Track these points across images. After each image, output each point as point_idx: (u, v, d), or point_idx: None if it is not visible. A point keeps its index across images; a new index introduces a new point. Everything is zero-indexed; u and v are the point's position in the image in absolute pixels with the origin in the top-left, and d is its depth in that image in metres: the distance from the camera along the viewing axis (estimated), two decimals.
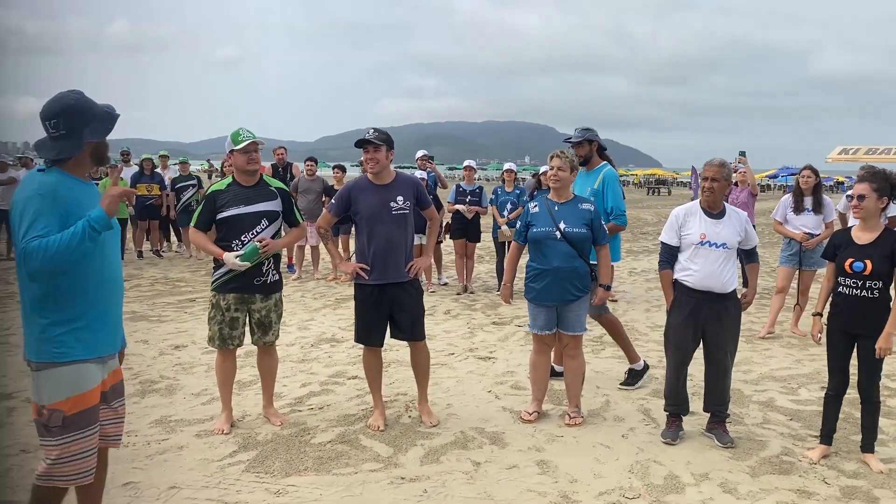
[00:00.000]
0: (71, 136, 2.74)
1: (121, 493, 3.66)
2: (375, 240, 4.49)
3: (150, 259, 12.54)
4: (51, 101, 2.76)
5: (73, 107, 2.74)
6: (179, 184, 12.38)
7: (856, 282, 4.06)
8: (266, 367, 4.76)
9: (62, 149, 2.74)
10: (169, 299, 9.03)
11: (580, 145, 5.64)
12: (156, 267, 11.73)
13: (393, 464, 4.08)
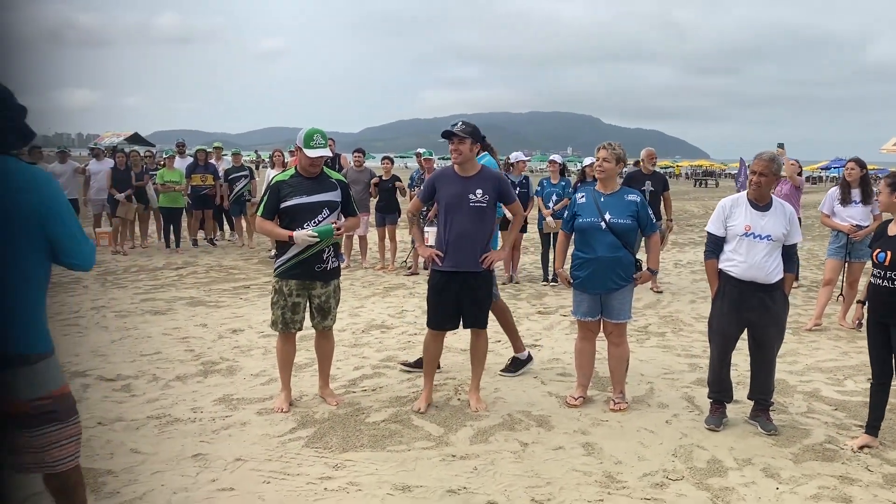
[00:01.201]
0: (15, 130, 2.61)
1: (191, 463, 3.92)
2: (452, 229, 4.68)
3: (205, 247, 12.98)
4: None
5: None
6: (232, 174, 12.76)
7: (880, 272, 4.17)
8: (323, 350, 4.99)
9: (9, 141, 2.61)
10: (224, 286, 9.37)
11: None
12: (210, 255, 12.14)
13: (444, 442, 4.27)
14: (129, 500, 3.48)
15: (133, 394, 5.05)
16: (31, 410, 2.68)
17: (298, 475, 3.78)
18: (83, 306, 7.89)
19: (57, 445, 2.77)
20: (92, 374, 5.47)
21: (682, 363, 6.07)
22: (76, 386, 5.16)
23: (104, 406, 4.79)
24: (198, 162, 12.79)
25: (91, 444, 4.14)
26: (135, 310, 7.78)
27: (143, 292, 8.79)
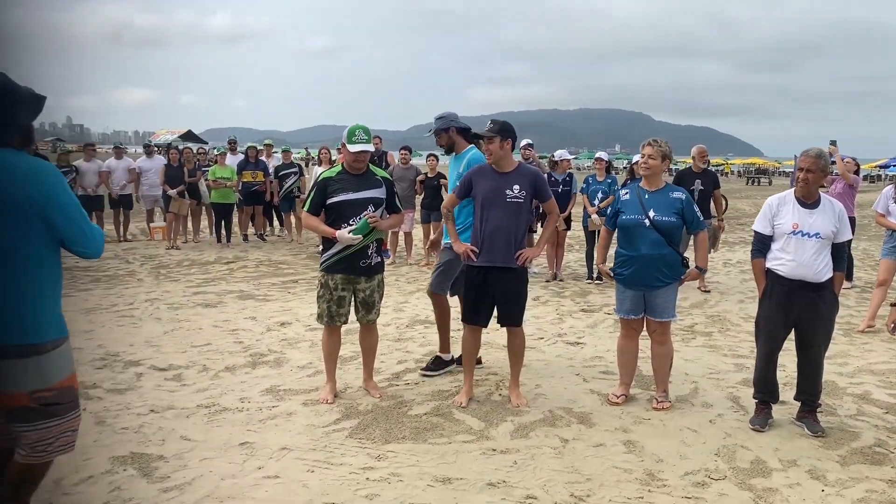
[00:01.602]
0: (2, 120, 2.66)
1: (238, 451, 4.04)
2: (487, 224, 4.72)
3: (255, 242, 13.25)
4: None
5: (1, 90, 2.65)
6: (282, 171, 13.00)
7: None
8: (367, 344, 5.08)
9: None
10: (273, 280, 9.57)
11: (438, 136, 5.56)
12: (260, 250, 12.39)
13: (484, 436, 4.31)
14: (178, 484, 3.60)
15: (184, 383, 5.22)
16: (30, 402, 2.70)
17: (342, 465, 3.87)
18: (137, 298, 8.15)
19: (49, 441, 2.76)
20: (145, 363, 5.67)
21: (728, 363, 5.99)
22: (130, 374, 5.36)
23: (156, 394, 4.96)
24: (248, 159, 13.06)
25: (143, 430, 4.30)
26: (187, 302, 8.01)
27: (194, 286, 9.04)
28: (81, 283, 9.04)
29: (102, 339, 6.36)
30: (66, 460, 3.82)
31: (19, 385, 2.68)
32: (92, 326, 6.78)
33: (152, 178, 12.71)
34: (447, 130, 5.43)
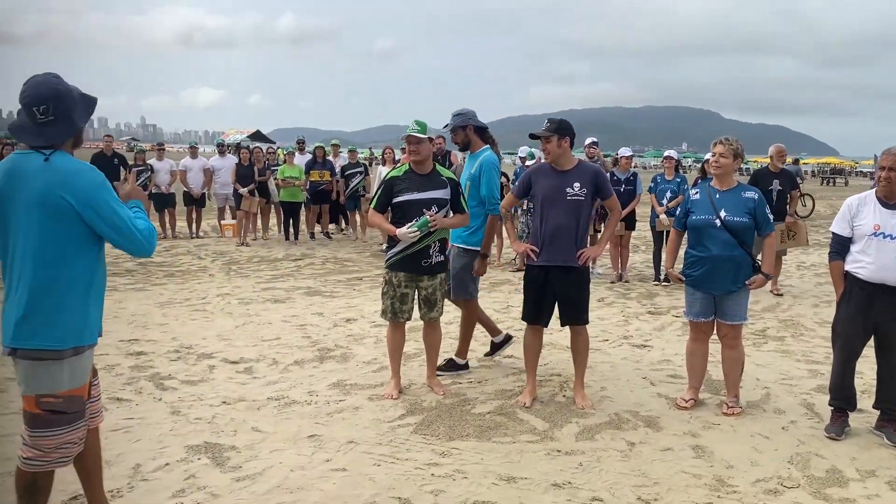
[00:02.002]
0: (60, 122, 2.67)
1: (306, 443, 4.13)
2: (547, 223, 4.70)
3: (321, 240, 13.50)
4: (30, 86, 2.66)
5: (62, 91, 2.67)
6: (348, 171, 13.20)
7: None
8: (431, 341, 5.13)
9: (52, 134, 2.67)
10: (339, 277, 9.73)
11: (454, 133, 5.49)
12: (326, 247, 12.61)
13: (549, 437, 4.29)
14: (250, 474, 3.71)
15: (255, 376, 5.36)
16: (36, 407, 2.67)
17: (407, 460, 3.92)
18: (210, 293, 8.41)
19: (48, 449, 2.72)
20: (218, 356, 5.84)
21: (802, 369, 5.80)
22: (203, 367, 5.54)
23: (228, 386, 5.12)
24: (316, 159, 13.31)
25: (216, 421, 4.44)
26: (256, 298, 8.22)
27: (264, 281, 9.27)
28: (156, 277, 9.37)
29: (176, 332, 6.59)
30: (143, 447, 4.00)
31: (30, 388, 2.66)
32: (166, 320, 7.03)
33: (224, 177, 13.09)
34: (464, 128, 5.42)
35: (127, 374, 5.29)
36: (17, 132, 2.71)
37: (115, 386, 5.01)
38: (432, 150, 4.95)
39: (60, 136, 2.69)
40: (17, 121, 2.72)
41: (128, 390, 4.94)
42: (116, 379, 5.17)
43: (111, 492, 3.47)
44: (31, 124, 2.66)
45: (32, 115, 2.64)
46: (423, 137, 4.80)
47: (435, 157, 5.14)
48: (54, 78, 2.70)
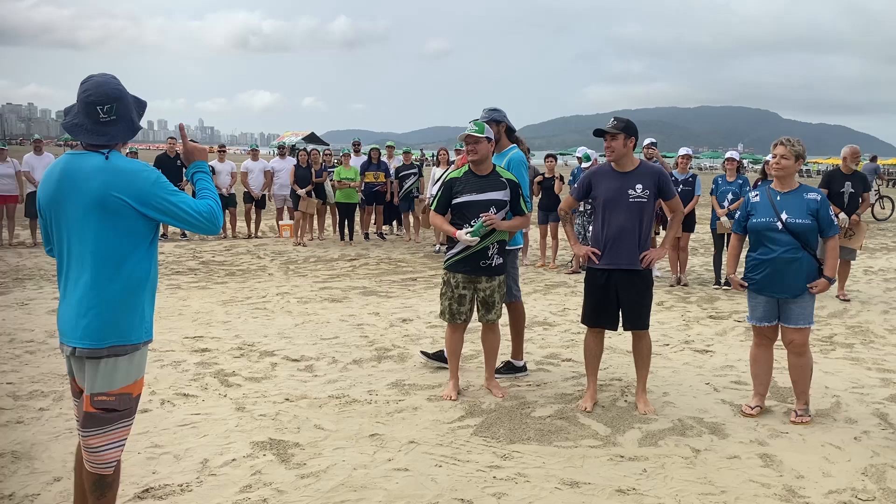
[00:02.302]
0: (121, 122, 2.69)
1: (368, 442, 4.16)
2: (609, 225, 4.64)
3: (375, 241, 13.62)
4: (94, 85, 2.65)
5: (123, 92, 2.69)
6: (402, 172, 13.29)
7: None
8: (489, 343, 5.11)
9: (114, 134, 2.68)
10: (393, 277, 9.80)
11: (488, 125, 5.28)
12: (380, 248, 12.71)
13: (611, 442, 4.23)
14: (315, 472, 3.76)
15: (315, 374, 5.44)
16: (90, 406, 2.67)
17: (468, 462, 3.91)
18: (269, 292, 8.56)
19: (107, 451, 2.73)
20: (279, 353, 5.94)
21: (874, 377, 5.60)
22: (265, 364, 5.64)
23: (290, 384, 5.20)
24: (371, 160, 13.44)
25: (280, 418, 4.51)
26: (314, 297, 8.33)
27: (321, 281, 9.39)
28: (218, 276, 9.58)
29: (239, 329, 6.72)
30: (210, 442, 4.09)
31: (88, 386, 2.68)
32: (229, 317, 7.18)
33: (283, 178, 13.32)
34: (499, 123, 5.38)
35: (193, 370, 5.42)
36: (74, 130, 2.67)
37: (181, 382, 5.13)
38: (491, 150, 4.93)
39: (121, 136, 2.70)
40: (73, 119, 2.68)
41: (194, 386, 5.06)
42: (183, 375, 5.30)
43: (181, 486, 3.56)
44: (92, 123, 2.65)
45: (95, 114, 2.63)
46: (480, 137, 4.79)
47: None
48: (113, 79, 2.71)
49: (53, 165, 2.74)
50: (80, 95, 2.66)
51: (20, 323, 6.74)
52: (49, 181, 2.71)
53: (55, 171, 2.70)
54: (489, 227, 4.70)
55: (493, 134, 4.93)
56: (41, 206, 2.76)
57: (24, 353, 5.78)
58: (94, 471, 2.75)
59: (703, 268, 10.94)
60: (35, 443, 4.02)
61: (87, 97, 2.62)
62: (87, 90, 2.63)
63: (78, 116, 2.66)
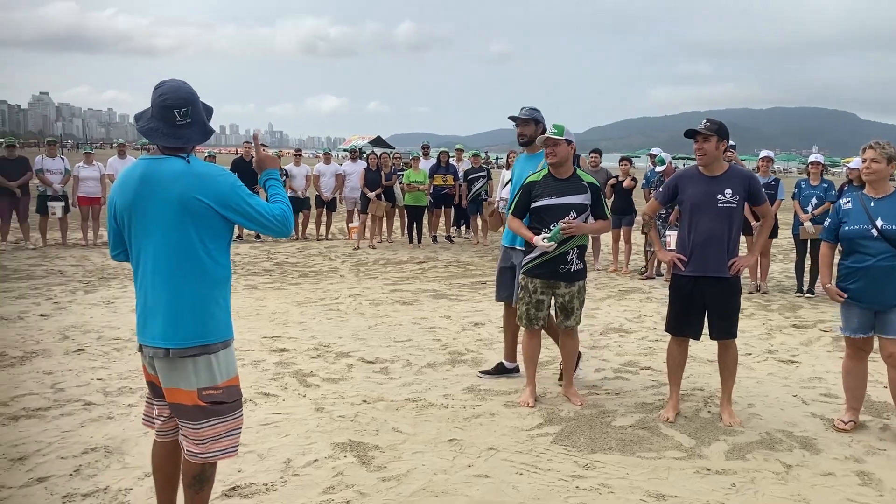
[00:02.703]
0: (195, 125, 2.75)
1: (447, 447, 4.14)
2: (696, 231, 4.51)
3: (443, 244, 13.65)
4: (170, 90, 2.71)
5: (196, 97, 2.75)
6: (471, 175, 13.28)
7: None
8: (567, 350, 5.03)
9: (190, 136, 2.74)
10: (463, 280, 9.79)
11: (526, 124, 5.20)
12: (448, 251, 12.73)
13: (696, 454, 4.11)
14: (395, 475, 3.76)
15: (391, 376, 5.46)
16: (199, 400, 2.74)
17: (549, 470, 3.85)
18: (342, 293, 8.66)
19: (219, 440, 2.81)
20: (354, 355, 6.00)
21: None
22: (342, 365, 5.70)
23: (367, 385, 5.23)
24: (440, 163, 13.48)
25: (358, 419, 4.54)
26: (385, 299, 8.39)
27: (391, 283, 9.45)
28: (292, 277, 9.76)
29: (314, 330, 6.82)
30: (291, 442, 4.14)
31: (190, 383, 2.75)
32: (304, 318, 7.29)
33: (354, 181, 13.49)
34: (538, 122, 5.27)
35: (272, 370, 5.52)
36: (151, 134, 2.73)
37: (262, 381, 5.23)
38: (571, 152, 4.85)
39: (195, 139, 2.76)
40: (148, 123, 2.74)
41: (274, 386, 5.14)
42: (263, 374, 5.40)
43: (266, 485, 3.61)
44: (168, 127, 2.70)
45: (171, 118, 2.69)
46: (560, 139, 4.72)
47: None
48: (186, 83, 2.76)
49: (130, 171, 2.79)
50: (155, 100, 2.72)
51: (107, 321, 7.00)
52: (127, 186, 2.75)
53: (133, 176, 2.75)
54: (567, 233, 4.63)
55: (573, 136, 4.85)
56: (117, 210, 2.80)
57: (111, 350, 5.99)
58: (199, 461, 2.83)
59: (782, 274, 10.56)
60: (125, 438, 4.15)
61: (164, 101, 2.68)
62: (162, 94, 2.70)
63: (153, 121, 2.73)
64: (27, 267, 10.03)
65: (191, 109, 2.71)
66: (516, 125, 5.27)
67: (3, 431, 4.23)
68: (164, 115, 2.69)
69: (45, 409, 4.60)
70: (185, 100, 2.70)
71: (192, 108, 2.72)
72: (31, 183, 12.08)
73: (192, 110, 2.72)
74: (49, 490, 3.52)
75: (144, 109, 2.82)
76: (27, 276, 9.36)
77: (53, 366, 5.50)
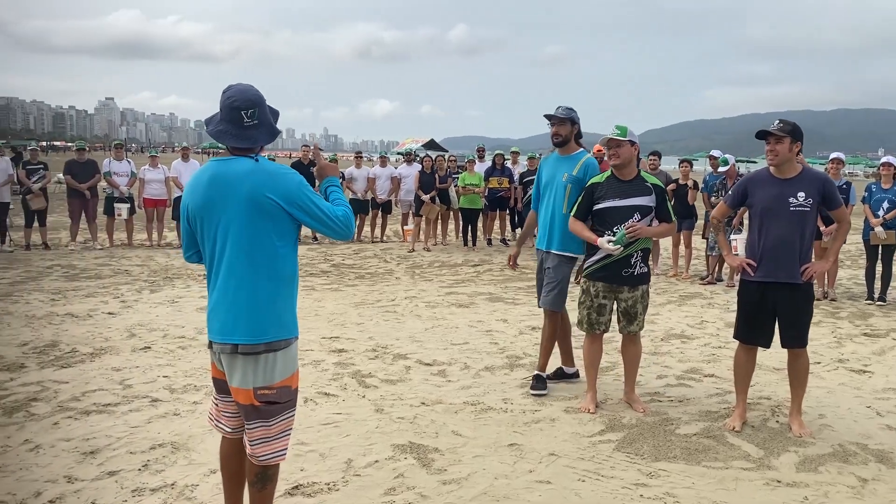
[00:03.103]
0: (262, 126, 2.80)
1: (507, 452, 4.11)
2: (767, 235, 4.38)
3: (498, 247, 13.60)
4: (238, 92, 2.76)
5: (263, 99, 2.80)
6: (527, 178, 13.18)
7: None
8: (629, 355, 4.94)
9: (257, 137, 2.79)
10: (518, 284, 9.72)
11: (562, 123, 5.05)
12: (502, 254, 12.66)
13: (765, 466, 3.98)
14: (456, 478, 3.74)
15: (448, 379, 5.45)
16: (254, 400, 2.77)
17: (612, 478, 3.78)
18: (398, 296, 8.70)
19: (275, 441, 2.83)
20: (412, 357, 6.01)
21: None
22: (399, 367, 5.71)
23: (425, 388, 5.23)
24: (495, 166, 13.44)
25: (417, 421, 4.54)
26: (441, 301, 8.39)
27: (446, 286, 9.46)
28: (348, 279, 9.85)
29: (372, 331, 6.86)
30: (352, 442, 4.17)
31: (248, 381, 2.77)
32: (362, 320, 7.35)
33: (409, 184, 13.56)
34: (574, 122, 5.16)
35: (332, 370, 5.57)
36: (220, 136, 2.78)
37: (321, 381, 5.28)
38: (634, 153, 4.78)
39: (263, 139, 2.82)
40: (218, 126, 2.80)
41: (334, 386, 5.19)
42: (322, 374, 5.45)
43: (328, 484, 3.63)
44: (236, 128, 2.76)
45: (239, 119, 2.75)
46: (623, 140, 4.65)
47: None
48: (252, 86, 2.82)
49: (200, 172, 2.85)
50: (224, 102, 2.77)
51: (172, 319, 7.17)
52: (198, 187, 2.80)
53: (204, 178, 2.80)
54: (632, 235, 4.55)
55: (636, 137, 4.77)
56: (189, 212, 2.85)
57: (176, 348, 6.14)
58: (259, 463, 2.85)
59: (850, 281, 10.19)
60: (191, 435, 4.24)
61: (232, 103, 2.74)
62: (231, 96, 2.75)
63: (222, 123, 2.78)
64: (95, 266, 10.37)
65: (257, 111, 2.76)
66: (551, 124, 5.16)
67: (76, 425, 4.37)
68: (232, 117, 2.75)
69: (114, 404, 4.74)
70: (251, 101, 2.75)
71: (259, 110, 2.77)
72: (99, 185, 12.50)
73: (259, 112, 2.77)
74: (119, 484, 3.61)
75: (214, 114, 2.87)
76: (95, 275, 9.68)
77: (121, 363, 5.66)
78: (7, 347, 6.02)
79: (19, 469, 3.75)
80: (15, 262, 10.62)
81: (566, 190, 5.04)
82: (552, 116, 5.13)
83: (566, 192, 5.04)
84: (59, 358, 5.75)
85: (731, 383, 4.87)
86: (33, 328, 6.70)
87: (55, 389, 5.00)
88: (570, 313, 5.40)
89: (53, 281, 9.15)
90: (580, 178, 5.01)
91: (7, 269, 10.01)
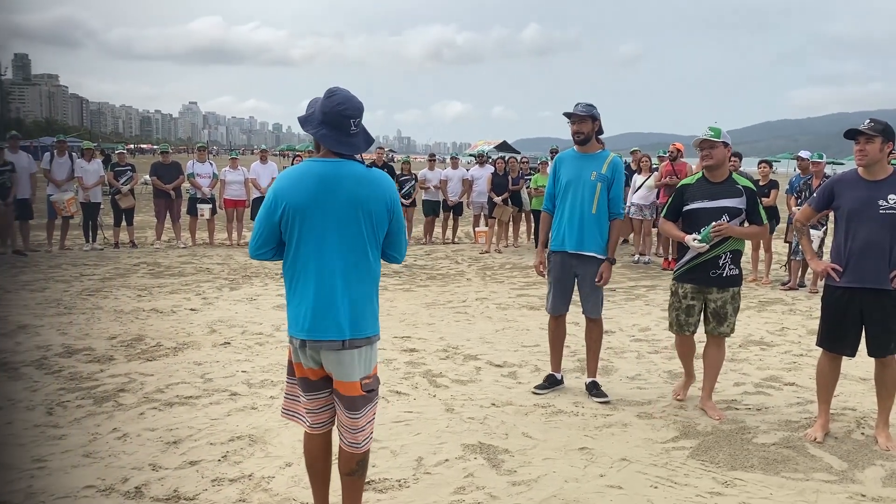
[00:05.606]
0: (361, 134, 2.90)
1: (578, 455, 4.08)
2: (854, 239, 4.21)
3: None
4: (346, 100, 2.84)
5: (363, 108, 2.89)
6: None
7: None
8: (712, 359, 4.84)
9: (359, 144, 2.90)
10: None
11: (583, 121, 4.86)
12: None
13: (849, 479, 3.82)
14: (525, 480, 3.74)
15: (519, 381, 5.44)
16: (361, 390, 2.91)
17: (686, 485, 3.70)
18: (469, 297, 8.73)
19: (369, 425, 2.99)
20: (482, 358, 6.03)
21: None
22: (470, 367, 5.74)
23: (495, 389, 5.24)
24: None
25: (487, 422, 4.56)
26: (512, 303, 8.38)
27: (517, 288, 9.43)
28: (420, 280, 9.95)
29: (443, 332, 6.91)
30: (423, 441, 4.21)
31: (355, 373, 2.90)
32: (432, 320, 7.41)
33: (481, 186, 13.58)
34: (595, 119, 5.01)
35: (403, 369, 5.64)
36: (326, 140, 2.83)
37: (393, 379, 5.36)
38: (727, 155, 4.69)
39: (362, 147, 2.90)
40: (321, 129, 2.84)
41: (405, 384, 5.26)
42: (394, 373, 5.53)
43: (399, 481, 3.69)
44: (341, 134, 2.83)
45: (346, 126, 2.83)
46: (716, 142, 4.59)
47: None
48: (354, 95, 2.89)
49: (303, 172, 2.88)
50: (332, 108, 2.83)
51: (250, 316, 7.41)
52: (302, 185, 2.84)
53: (309, 176, 2.85)
54: (718, 234, 4.47)
55: (729, 139, 4.68)
56: (287, 209, 2.84)
57: (254, 344, 6.34)
58: (359, 450, 3.01)
59: None
60: (268, 428, 4.38)
61: (343, 111, 2.81)
62: (341, 103, 2.83)
63: (324, 126, 2.84)
64: (178, 264, 10.80)
65: (359, 120, 2.88)
66: (571, 122, 5.03)
67: (160, 416, 4.57)
68: (339, 124, 2.82)
69: (195, 397, 4.93)
70: (358, 110, 2.86)
71: (361, 119, 2.89)
72: (183, 186, 13.01)
73: (361, 120, 2.89)
74: (200, 473, 3.76)
75: (311, 113, 2.93)
76: (178, 272, 10.08)
77: (203, 357, 5.89)
78: (98, 340, 6.34)
79: (108, 456, 3.95)
80: (105, 259, 11.18)
81: (596, 189, 4.96)
82: (572, 114, 5.03)
83: (596, 192, 4.96)
84: (144, 351, 6.02)
85: (812, 393, 4.70)
86: (121, 322, 7.04)
87: (141, 381, 5.24)
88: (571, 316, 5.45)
89: (140, 278, 9.59)
90: (608, 177, 4.97)
91: (98, 265, 10.54)
